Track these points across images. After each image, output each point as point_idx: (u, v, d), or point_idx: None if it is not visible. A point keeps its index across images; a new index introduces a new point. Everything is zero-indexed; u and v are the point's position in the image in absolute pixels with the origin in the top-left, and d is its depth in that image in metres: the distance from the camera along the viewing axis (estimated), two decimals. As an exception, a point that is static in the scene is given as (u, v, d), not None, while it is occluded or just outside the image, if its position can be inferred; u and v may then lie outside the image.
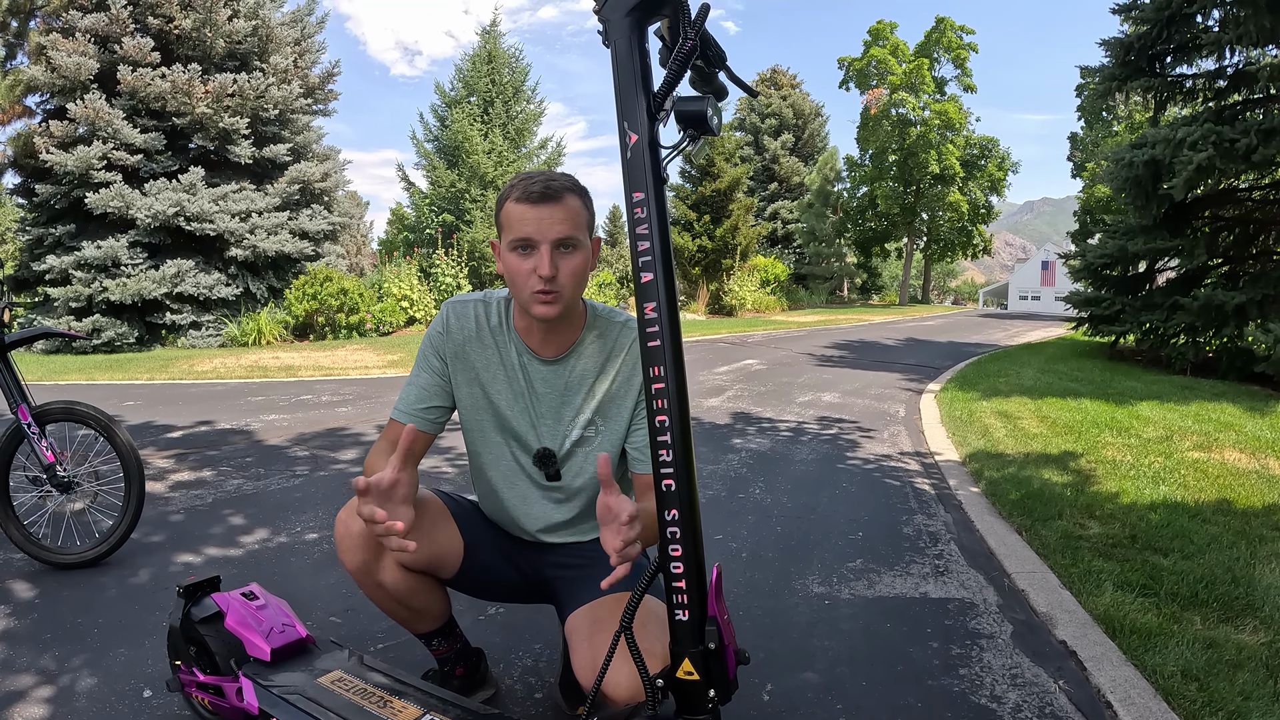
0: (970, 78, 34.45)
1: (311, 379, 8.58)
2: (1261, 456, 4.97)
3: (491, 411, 1.63)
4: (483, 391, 1.62)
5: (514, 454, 1.66)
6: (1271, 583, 2.86)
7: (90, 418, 2.61)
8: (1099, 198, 29.91)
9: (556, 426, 1.63)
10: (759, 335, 16.05)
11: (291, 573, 2.72)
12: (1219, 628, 2.58)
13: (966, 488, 4.32)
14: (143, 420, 5.54)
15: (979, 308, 48.33)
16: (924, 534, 3.52)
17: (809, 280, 34.00)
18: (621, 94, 1.02)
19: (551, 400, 1.62)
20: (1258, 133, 8.19)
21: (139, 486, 2.61)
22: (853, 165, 35.99)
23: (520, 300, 1.50)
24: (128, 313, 12.32)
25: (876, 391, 8.12)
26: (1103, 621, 2.64)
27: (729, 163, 25.29)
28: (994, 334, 18.74)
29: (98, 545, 2.62)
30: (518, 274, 1.46)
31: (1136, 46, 10.48)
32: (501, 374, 1.61)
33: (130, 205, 12.00)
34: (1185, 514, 3.68)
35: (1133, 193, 10.01)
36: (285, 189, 14.02)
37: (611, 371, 1.63)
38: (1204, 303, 9.07)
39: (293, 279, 14.03)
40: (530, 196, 1.43)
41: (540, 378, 1.61)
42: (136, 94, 12.34)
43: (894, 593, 2.85)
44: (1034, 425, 5.99)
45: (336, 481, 3.96)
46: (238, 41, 13.62)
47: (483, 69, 22.20)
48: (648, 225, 1.01)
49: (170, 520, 3.18)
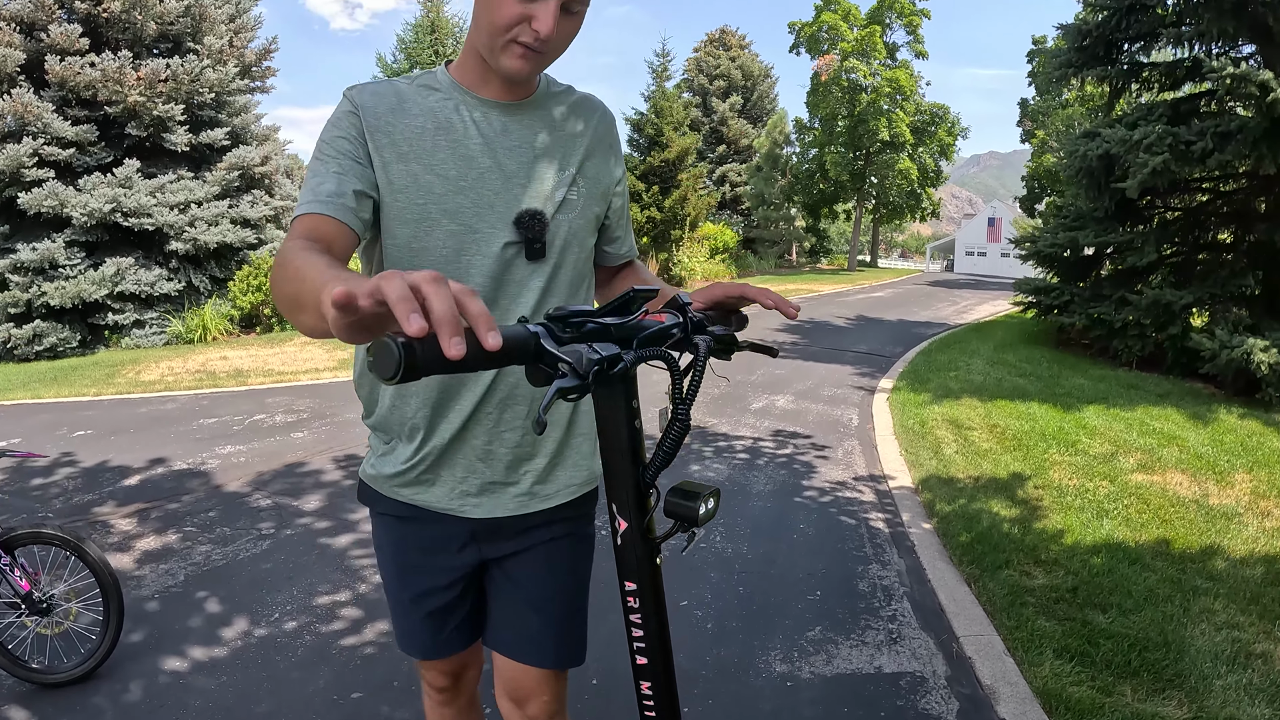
0: (922, 44, 34.57)
1: (262, 387, 8.47)
2: (1202, 480, 5.26)
3: (436, 189, 1.22)
4: (422, 167, 1.22)
5: (477, 235, 1.24)
6: (1200, 648, 3.08)
7: (57, 539, 2.60)
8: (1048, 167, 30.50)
9: (537, 186, 1.28)
10: (713, 315, 16.13)
11: (279, 675, 2.76)
12: (1148, 700, 2.78)
13: (919, 524, 4.51)
14: (97, 460, 5.45)
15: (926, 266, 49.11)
16: (878, 589, 3.68)
17: (757, 244, 34.15)
18: (611, 471, 0.97)
19: (524, 154, 1.27)
20: (1213, 136, 8.38)
21: (117, 601, 2.61)
22: (802, 128, 36.02)
23: (489, 46, 1.17)
24: (68, 316, 11.94)
25: (830, 393, 8.30)
26: (1041, 696, 2.83)
27: (678, 132, 25.05)
28: (943, 309, 19.16)
29: (85, 661, 2.62)
30: (503, 17, 1.12)
31: (1094, 34, 10.56)
32: (444, 141, 1.23)
33: (65, 204, 11.56)
34: (1126, 558, 3.91)
35: (1085, 182, 10.22)
36: (225, 176, 13.61)
37: (583, 122, 1.35)
38: (1152, 301, 9.38)
39: (236, 269, 13.70)
40: None
41: (504, 129, 1.26)
42: (66, 84, 11.81)
43: (851, 668, 3.00)
44: (984, 439, 6.22)
45: (304, 544, 3.98)
46: (169, 23, 13.06)
47: (426, 39, 21.64)
48: (641, 614, 0.99)
49: (146, 610, 3.18)
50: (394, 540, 1.42)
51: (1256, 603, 3.45)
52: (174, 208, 12.71)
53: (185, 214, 12.86)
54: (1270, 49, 9.00)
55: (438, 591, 1.40)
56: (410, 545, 1.40)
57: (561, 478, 1.40)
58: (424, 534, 1.38)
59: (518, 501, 1.36)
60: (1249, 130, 8.07)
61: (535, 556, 1.39)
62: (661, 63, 27.94)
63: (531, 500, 1.37)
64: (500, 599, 1.42)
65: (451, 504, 1.34)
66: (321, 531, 4.15)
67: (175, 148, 13.03)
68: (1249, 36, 9.08)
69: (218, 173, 13.57)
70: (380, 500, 1.40)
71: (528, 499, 1.36)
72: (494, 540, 1.38)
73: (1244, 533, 4.31)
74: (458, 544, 1.38)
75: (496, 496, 1.35)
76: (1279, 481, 5.21)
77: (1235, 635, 3.16)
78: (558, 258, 1.30)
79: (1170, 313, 9.26)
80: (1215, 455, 5.84)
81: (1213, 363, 8.14)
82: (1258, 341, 7.70)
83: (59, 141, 11.89)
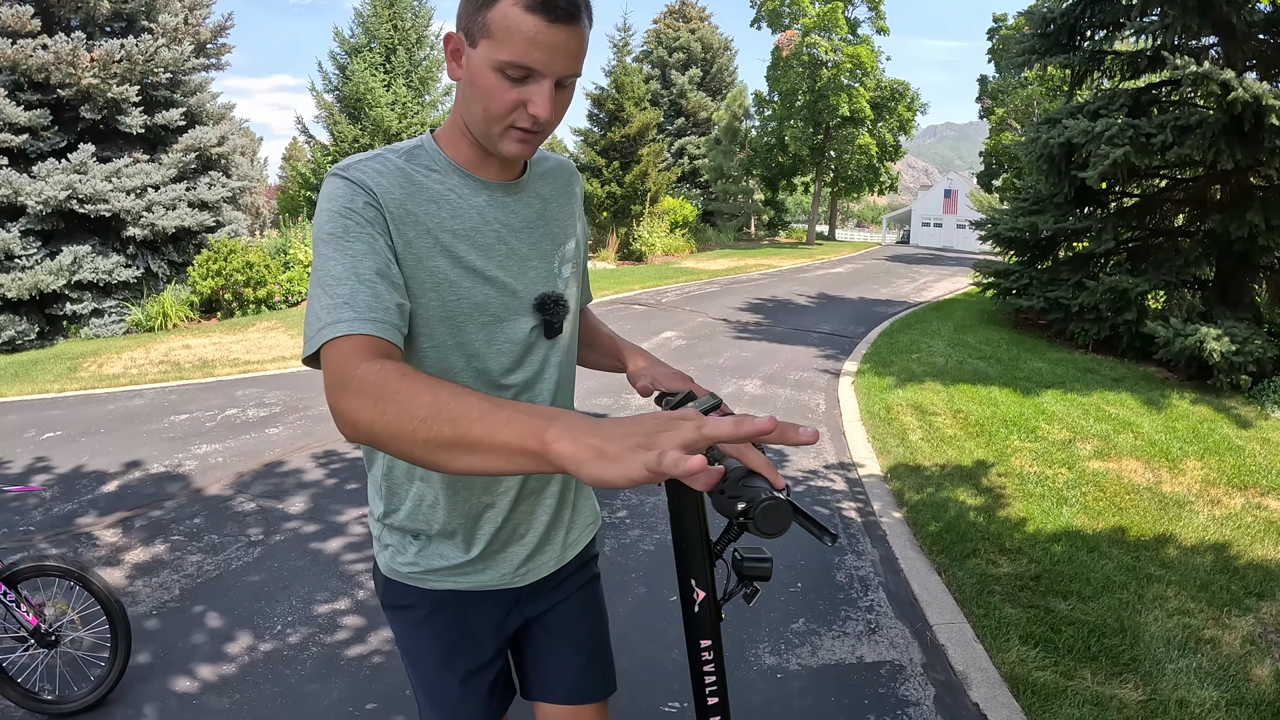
0: (884, 20, 34.70)
1: (229, 378, 8.41)
2: (1155, 467, 5.54)
3: (464, 283, 1.19)
4: (448, 261, 1.17)
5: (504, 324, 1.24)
6: (1154, 633, 3.31)
7: (60, 570, 2.63)
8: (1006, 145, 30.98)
9: (548, 267, 1.28)
10: (673, 291, 16.25)
11: (292, 690, 2.83)
12: (1107, 684, 3.00)
13: (890, 513, 4.71)
14: (72, 465, 5.41)
15: (883, 237, 49.63)
16: (855, 580, 3.87)
17: (716, 217, 34.25)
18: (685, 551, 1.16)
19: (531, 235, 1.26)
20: (1173, 129, 8.65)
21: (124, 627, 2.66)
22: (762, 102, 36.03)
23: (486, 133, 1.14)
24: (25, 307, 11.63)
25: (796, 376, 8.50)
26: (1009, 680, 3.05)
27: (638, 107, 24.97)
28: (902, 286, 19.50)
29: (96, 689, 2.66)
30: (497, 103, 1.09)
31: (1059, 21, 10.76)
32: (462, 230, 1.19)
33: (19, 192, 11.21)
34: (1084, 546, 4.15)
35: (1046, 168, 10.46)
36: (181, 159, 13.29)
37: (564, 192, 1.37)
38: (1108, 287, 9.69)
39: (194, 253, 13.45)
40: (553, 10, 1.04)
41: (511, 210, 1.25)
42: (18, 67, 11.40)
43: (835, 658, 3.19)
44: (948, 425, 6.46)
45: (295, 550, 4.04)
46: (123, 1, 12.65)
47: (384, 14, 21.18)
48: (714, 664, 1.19)
49: (147, 628, 3.22)
50: (436, 630, 1.37)
51: (1206, 590, 3.70)
52: (130, 192, 12.39)
53: (142, 198, 12.55)
54: (1231, 44, 9.29)
55: (485, 666, 1.40)
56: (455, 628, 1.37)
57: (580, 522, 1.49)
58: (469, 613, 1.37)
59: (555, 558, 1.43)
60: (1208, 125, 8.35)
61: (571, 604, 1.48)
62: (623, 37, 27.70)
63: (565, 552, 1.45)
64: (545, 652, 1.47)
65: (503, 580, 1.37)
66: (311, 536, 4.21)
67: (130, 130, 12.67)
68: (1211, 31, 9.34)
69: (174, 155, 13.24)
70: (415, 593, 1.35)
71: (561, 552, 1.44)
72: (534, 599, 1.43)
73: (1195, 520, 4.59)
74: (504, 612, 1.40)
75: (539, 560, 1.40)
76: (1228, 469, 5.52)
77: (1186, 621, 3.41)
78: (567, 331, 1.33)
79: (1126, 299, 9.58)
80: (1168, 442, 6.14)
81: (1166, 349, 8.47)
82: (1210, 330, 8.04)
83: (11, 127, 11.50)
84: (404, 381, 0.91)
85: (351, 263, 1.06)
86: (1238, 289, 9.82)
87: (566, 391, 1.38)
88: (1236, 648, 3.23)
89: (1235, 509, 4.82)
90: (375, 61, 20.89)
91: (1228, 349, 7.80)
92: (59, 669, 2.76)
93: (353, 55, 21.19)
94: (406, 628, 1.38)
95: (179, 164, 13.30)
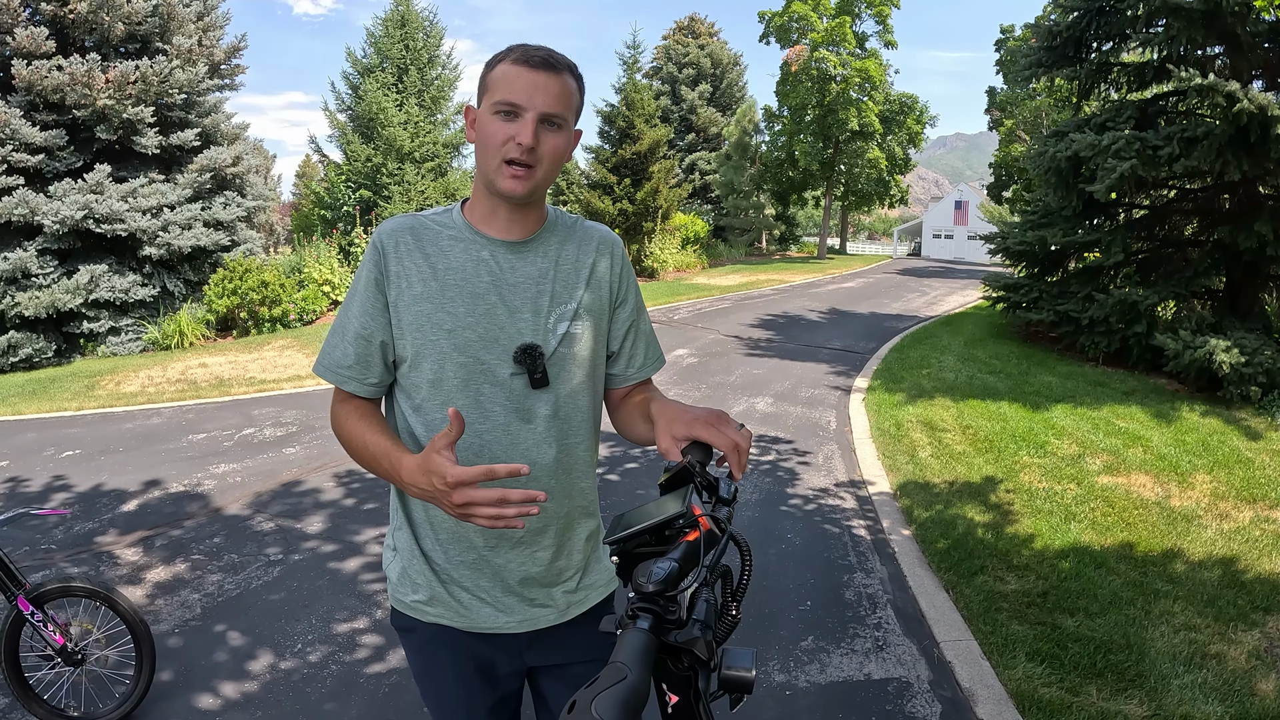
0: (891, 34, 34.85)
1: (246, 398, 8.52)
2: (1164, 481, 5.56)
3: (446, 325, 1.36)
4: (434, 306, 1.36)
5: (484, 367, 1.37)
6: (1160, 649, 3.34)
7: (86, 591, 2.71)
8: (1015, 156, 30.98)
9: (536, 320, 1.39)
10: (684, 308, 16.36)
11: (313, 708, 2.90)
12: (1112, 700, 3.04)
13: (899, 531, 4.75)
14: (91, 484, 5.52)
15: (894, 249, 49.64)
16: (864, 598, 3.91)
17: (727, 232, 34.39)
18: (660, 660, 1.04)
19: (527, 290, 1.39)
20: (1180, 141, 8.65)
21: (149, 646, 2.74)
22: (771, 117, 36.22)
23: (487, 172, 1.33)
24: (43, 325, 11.83)
25: (808, 394, 8.54)
26: (1015, 697, 3.09)
27: (649, 124, 25.16)
28: (913, 300, 19.52)
29: (121, 706, 2.74)
30: (492, 139, 1.30)
31: (1065, 34, 10.80)
32: (453, 280, 1.36)
33: (36, 211, 11.42)
34: (1092, 562, 4.18)
35: (1054, 181, 10.46)
36: (196, 178, 13.51)
37: (588, 261, 1.46)
38: (1118, 300, 9.69)
39: (210, 271, 13.64)
40: (530, 60, 1.29)
41: (511, 266, 1.39)
42: (33, 88, 11.63)
43: (843, 676, 3.23)
44: (957, 441, 6.49)
45: (314, 569, 4.12)
46: (137, 23, 12.89)
47: (395, 34, 21.51)
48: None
49: (170, 646, 3.30)
50: (439, 658, 1.49)
51: (1213, 605, 3.73)
52: (146, 212, 12.60)
53: (158, 218, 12.76)
54: (1237, 55, 9.31)
55: (487, 699, 1.50)
56: (454, 659, 1.48)
57: (588, 582, 1.54)
58: (467, 648, 1.47)
59: (556, 613, 1.49)
60: (1215, 136, 8.37)
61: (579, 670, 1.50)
62: (633, 54, 27.97)
63: (569, 610, 1.51)
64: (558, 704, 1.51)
65: (496, 624, 1.46)
66: (329, 555, 4.29)
67: (146, 150, 12.90)
68: (1217, 41, 9.38)
69: (189, 175, 13.47)
70: (415, 621, 1.48)
71: (564, 609, 1.50)
72: (536, 648, 1.50)
73: (1203, 535, 4.61)
74: (506, 653, 1.49)
75: (534, 611, 1.48)
76: (1237, 482, 5.53)
77: (1192, 637, 3.43)
78: (563, 386, 1.41)
79: (1136, 311, 9.58)
80: (1177, 456, 6.15)
81: (1176, 361, 8.47)
82: (1220, 342, 8.03)
83: (28, 147, 11.73)
84: (346, 423, 1.38)
85: (344, 320, 1.40)
86: (1248, 299, 9.81)
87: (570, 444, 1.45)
88: (1242, 663, 3.26)
89: (1244, 522, 4.84)
90: (387, 81, 21.19)
91: (1237, 360, 7.80)
92: (84, 687, 2.84)
93: (365, 75, 21.50)
94: (412, 650, 1.53)
95: (194, 184, 13.51)
